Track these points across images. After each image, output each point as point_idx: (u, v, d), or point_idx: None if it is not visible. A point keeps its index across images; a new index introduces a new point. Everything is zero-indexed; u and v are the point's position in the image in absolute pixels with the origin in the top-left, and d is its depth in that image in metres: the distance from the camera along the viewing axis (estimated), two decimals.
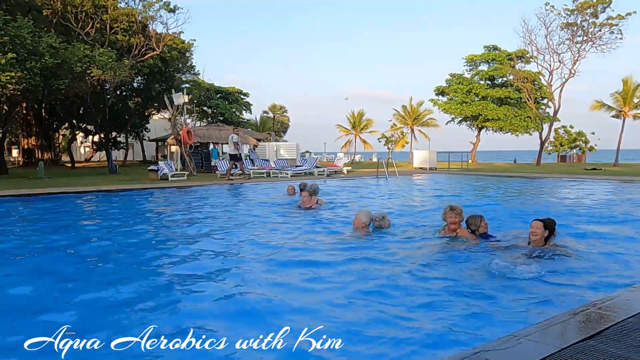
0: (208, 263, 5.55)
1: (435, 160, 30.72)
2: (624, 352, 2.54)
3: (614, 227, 7.87)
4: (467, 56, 46.72)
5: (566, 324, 3.03)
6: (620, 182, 17.87)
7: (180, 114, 24.79)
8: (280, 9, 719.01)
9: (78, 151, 49.34)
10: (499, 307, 3.78)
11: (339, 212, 9.52)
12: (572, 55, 33.36)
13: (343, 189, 16.60)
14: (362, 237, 6.86)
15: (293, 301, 4.08)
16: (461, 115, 45.69)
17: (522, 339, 2.85)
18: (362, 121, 57.66)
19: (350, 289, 4.40)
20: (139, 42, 27.93)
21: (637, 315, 3.15)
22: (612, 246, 6.29)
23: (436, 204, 11.02)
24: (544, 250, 5.39)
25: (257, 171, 24.02)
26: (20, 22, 18.67)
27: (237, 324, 3.61)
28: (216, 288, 4.50)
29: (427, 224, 7.83)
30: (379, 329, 3.46)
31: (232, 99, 48.48)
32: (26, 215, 10.57)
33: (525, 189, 16.20)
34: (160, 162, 23.67)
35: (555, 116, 36.10)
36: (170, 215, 10.17)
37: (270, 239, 7.05)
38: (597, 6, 31.95)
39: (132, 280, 4.65)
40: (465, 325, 3.52)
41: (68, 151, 34.97)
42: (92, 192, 14.88)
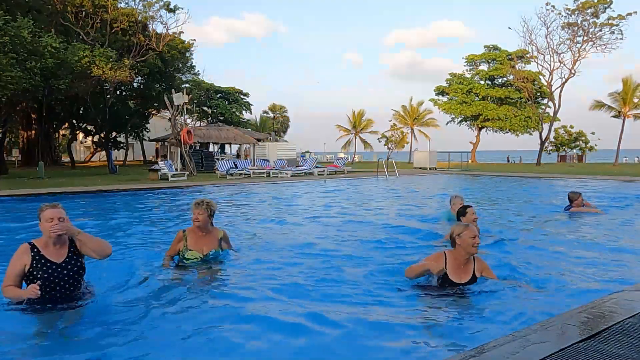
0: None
1: (436, 160, 30.74)
2: (624, 352, 2.54)
3: (614, 227, 7.86)
4: (467, 56, 46.75)
5: (566, 324, 3.03)
6: (622, 182, 17.87)
7: (180, 114, 24.80)
8: None
9: (78, 151, 49.36)
10: (499, 307, 3.78)
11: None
12: (572, 55, 33.40)
13: (343, 188, 16.60)
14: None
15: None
16: (461, 115, 45.70)
17: (522, 338, 2.85)
18: (362, 121, 57.63)
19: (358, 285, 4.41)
20: (139, 42, 27.94)
21: (637, 315, 3.15)
22: (612, 246, 6.28)
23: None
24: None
25: (257, 171, 24.02)
26: (20, 22, 18.66)
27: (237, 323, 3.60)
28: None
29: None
30: (377, 328, 3.46)
31: (232, 99, 48.47)
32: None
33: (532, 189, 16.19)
34: (160, 162, 23.68)
35: (555, 116, 36.11)
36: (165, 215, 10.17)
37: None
38: (598, 6, 31.97)
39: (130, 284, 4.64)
40: (465, 325, 3.51)
41: (68, 151, 35.00)
42: (92, 192, 14.88)
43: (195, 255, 4.90)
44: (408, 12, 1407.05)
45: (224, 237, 5.17)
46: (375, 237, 7.03)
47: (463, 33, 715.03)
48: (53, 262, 3.57)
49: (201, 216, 4.87)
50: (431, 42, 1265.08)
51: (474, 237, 4.06)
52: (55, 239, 3.56)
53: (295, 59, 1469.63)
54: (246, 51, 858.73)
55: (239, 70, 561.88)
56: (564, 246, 6.25)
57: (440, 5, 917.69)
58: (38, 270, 3.52)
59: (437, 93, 47.89)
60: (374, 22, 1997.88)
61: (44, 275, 3.52)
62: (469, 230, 4.11)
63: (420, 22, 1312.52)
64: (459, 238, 4.10)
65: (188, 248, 4.91)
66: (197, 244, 4.94)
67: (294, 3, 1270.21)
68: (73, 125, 35.74)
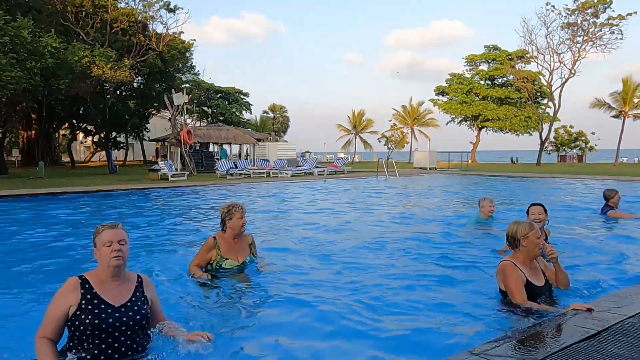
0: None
1: (436, 160, 30.74)
2: (624, 352, 2.54)
3: (614, 227, 7.85)
4: (467, 56, 46.76)
5: (566, 324, 3.03)
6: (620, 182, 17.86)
7: (180, 114, 24.80)
8: None
9: (78, 151, 49.36)
10: (499, 307, 3.77)
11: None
12: (572, 55, 33.39)
13: (343, 188, 16.60)
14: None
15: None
16: (461, 115, 45.71)
17: (522, 338, 2.85)
18: (362, 121, 57.62)
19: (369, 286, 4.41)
20: (139, 42, 27.95)
21: (637, 315, 3.15)
22: (612, 246, 6.27)
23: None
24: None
25: (257, 171, 24.02)
26: (20, 22, 18.67)
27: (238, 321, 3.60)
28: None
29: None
30: (377, 330, 3.46)
31: (232, 99, 48.46)
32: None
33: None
34: (160, 162, 23.68)
35: (555, 116, 36.11)
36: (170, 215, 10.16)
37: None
38: (598, 6, 31.97)
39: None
40: (465, 325, 3.51)
41: (68, 151, 34.99)
42: (92, 192, 14.88)
43: (233, 264, 4.51)
44: (408, 12, 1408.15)
45: (253, 242, 4.84)
46: (404, 243, 6.71)
47: (463, 33, 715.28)
48: (109, 304, 2.69)
49: (245, 221, 4.56)
50: (431, 42, 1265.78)
51: (539, 237, 3.70)
52: (114, 270, 2.74)
53: (295, 59, 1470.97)
54: (246, 51, 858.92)
55: (239, 70, 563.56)
56: (563, 246, 6.25)
57: (440, 5, 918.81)
58: (87, 314, 2.62)
59: (437, 93, 47.90)
60: (374, 22, 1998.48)
61: (93, 321, 2.61)
62: (535, 230, 3.72)
63: (420, 22, 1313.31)
64: (526, 239, 3.68)
65: (224, 257, 4.50)
66: (231, 251, 4.55)
67: (294, 3, 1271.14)
68: (73, 125, 35.73)
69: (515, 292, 3.59)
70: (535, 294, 3.65)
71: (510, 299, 3.63)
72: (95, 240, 2.76)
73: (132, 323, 2.70)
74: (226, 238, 4.57)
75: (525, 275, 3.66)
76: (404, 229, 7.95)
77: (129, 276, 2.86)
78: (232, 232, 4.55)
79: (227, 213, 4.54)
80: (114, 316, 2.65)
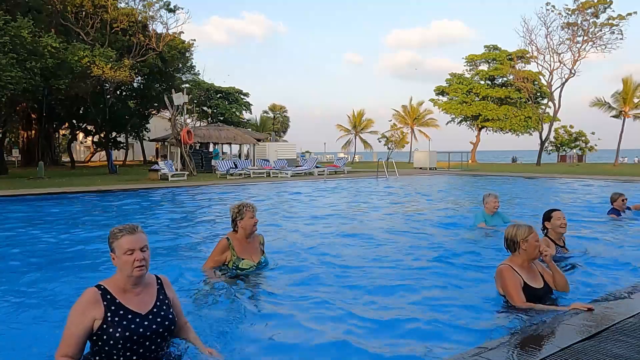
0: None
1: (436, 160, 30.74)
2: (624, 352, 2.54)
3: (614, 227, 7.85)
4: (467, 56, 46.77)
5: (566, 324, 3.03)
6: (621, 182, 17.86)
7: (180, 114, 24.79)
8: None
9: (78, 151, 49.36)
10: (499, 307, 3.77)
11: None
12: (572, 55, 33.40)
13: (343, 187, 16.60)
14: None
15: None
16: (461, 115, 45.72)
17: (522, 339, 2.85)
18: (362, 121, 57.61)
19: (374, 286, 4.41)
20: (139, 42, 27.96)
21: (637, 315, 3.15)
22: (612, 245, 6.27)
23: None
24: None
25: (257, 171, 24.02)
26: (20, 22, 18.68)
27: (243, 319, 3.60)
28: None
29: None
30: (376, 328, 3.46)
31: (232, 99, 48.46)
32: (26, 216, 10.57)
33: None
34: (160, 162, 23.68)
35: (555, 116, 36.12)
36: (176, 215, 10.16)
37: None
38: (598, 6, 31.98)
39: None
40: (465, 325, 3.51)
41: (68, 151, 34.99)
42: (92, 192, 14.88)
43: (250, 264, 4.45)
44: (408, 12, 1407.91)
45: (263, 242, 4.80)
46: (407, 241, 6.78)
47: (463, 33, 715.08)
48: (136, 313, 2.50)
49: (256, 220, 4.51)
50: (431, 42, 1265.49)
51: (538, 241, 3.72)
52: (137, 279, 2.53)
53: (295, 59, 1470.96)
54: (246, 51, 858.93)
55: (238, 70, 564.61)
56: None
57: (440, 5, 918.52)
58: (115, 326, 2.41)
59: (437, 93, 47.91)
60: (374, 22, 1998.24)
61: (124, 333, 2.42)
62: (535, 233, 3.72)
63: (420, 22, 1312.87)
64: (525, 242, 3.68)
65: (240, 257, 4.44)
66: (246, 251, 4.50)
67: (294, 3, 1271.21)
68: (73, 125, 35.73)
69: (513, 296, 3.61)
70: (534, 296, 3.65)
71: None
72: (113, 246, 2.50)
73: (161, 330, 2.54)
74: (239, 238, 4.52)
75: (523, 278, 3.68)
76: (404, 229, 7.95)
77: (148, 279, 2.65)
78: (244, 232, 4.50)
79: (237, 213, 4.48)
80: (143, 325, 2.47)
